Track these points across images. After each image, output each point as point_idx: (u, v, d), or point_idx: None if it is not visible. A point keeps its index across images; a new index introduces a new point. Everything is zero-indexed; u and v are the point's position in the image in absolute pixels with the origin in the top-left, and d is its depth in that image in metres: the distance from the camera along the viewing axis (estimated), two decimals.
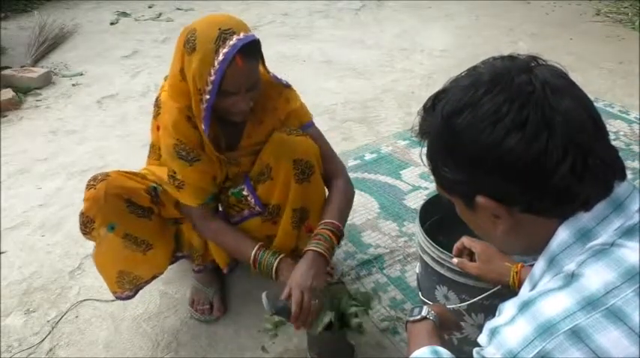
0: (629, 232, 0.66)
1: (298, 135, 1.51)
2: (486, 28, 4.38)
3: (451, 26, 4.45)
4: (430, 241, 1.35)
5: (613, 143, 0.71)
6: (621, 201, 0.69)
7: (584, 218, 0.68)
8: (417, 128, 0.78)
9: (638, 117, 2.86)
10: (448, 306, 1.39)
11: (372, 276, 1.87)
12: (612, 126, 2.77)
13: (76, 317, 1.77)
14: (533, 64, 0.71)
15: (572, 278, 0.64)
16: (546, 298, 0.63)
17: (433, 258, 1.36)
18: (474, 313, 1.35)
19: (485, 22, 4.54)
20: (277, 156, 1.49)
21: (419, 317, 1.04)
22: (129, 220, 1.48)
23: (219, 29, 1.30)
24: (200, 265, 1.74)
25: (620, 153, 0.72)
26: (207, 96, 1.34)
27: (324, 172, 1.57)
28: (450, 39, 4.16)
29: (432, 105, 0.75)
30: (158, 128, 1.53)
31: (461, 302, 1.34)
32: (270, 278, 1.48)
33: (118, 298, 1.61)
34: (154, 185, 1.56)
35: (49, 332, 1.71)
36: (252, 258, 1.48)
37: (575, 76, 0.73)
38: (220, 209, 1.65)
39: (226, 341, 1.67)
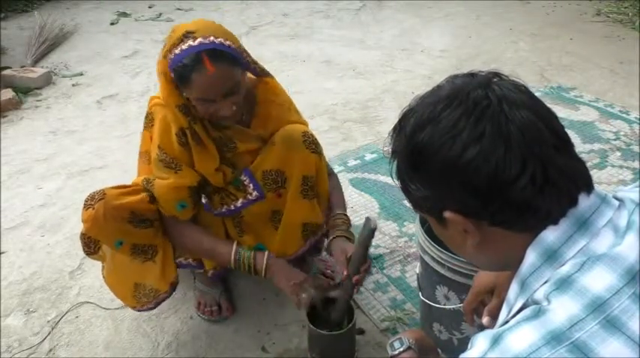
0: (594, 255, 0.66)
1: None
2: (486, 28, 4.38)
3: (451, 26, 4.45)
4: (430, 241, 1.35)
5: (613, 143, 0.71)
6: (586, 218, 0.68)
7: (549, 238, 0.68)
8: (389, 148, 0.79)
9: (638, 117, 2.85)
10: (448, 306, 1.39)
11: (372, 276, 1.87)
12: (612, 126, 2.76)
13: (76, 317, 1.77)
14: (493, 80, 0.72)
15: (539, 311, 0.64)
16: (514, 332, 0.63)
17: (433, 258, 1.36)
18: (475, 313, 1.35)
19: (485, 22, 4.54)
20: (285, 129, 1.55)
21: (403, 348, 1.04)
22: (134, 233, 1.46)
23: (186, 31, 1.33)
24: (213, 268, 1.70)
25: (620, 153, 0.72)
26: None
27: None
28: (450, 39, 4.16)
29: (399, 125, 0.77)
30: (152, 139, 1.52)
31: (461, 303, 1.34)
32: (251, 274, 1.53)
33: (138, 311, 1.59)
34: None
35: (49, 333, 1.71)
36: (232, 256, 1.51)
37: (575, 76, 0.73)
38: (204, 201, 1.62)
39: (226, 341, 1.67)
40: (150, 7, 5.06)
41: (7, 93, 3.22)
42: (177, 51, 1.32)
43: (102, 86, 3.50)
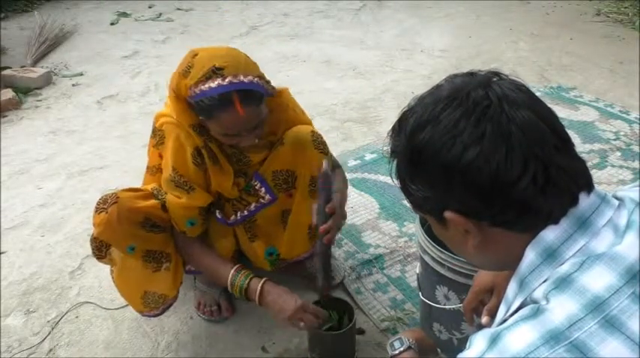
0: (594, 254, 0.65)
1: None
2: (486, 28, 4.38)
3: (451, 26, 4.45)
4: (430, 241, 1.35)
5: (613, 143, 0.71)
6: (586, 217, 0.68)
7: (549, 237, 0.68)
8: (388, 148, 0.78)
9: (638, 117, 2.85)
10: (448, 306, 1.39)
11: (372, 276, 1.87)
12: (612, 126, 2.76)
13: (76, 317, 1.77)
14: (493, 79, 0.72)
15: (537, 310, 0.64)
16: (512, 332, 0.63)
17: (433, 258, 1.36)
18: (474, 313, 1.35)
19: (485, 22, 4.53)
20: (293, 130, 1.55)
21: (403, 348, 1.04)
22: (147, 238, 1.45)
23: (214, 65, 1.29)
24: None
25: (620, 153, 0.71)
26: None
27: None
28: (450, 39, 4.16)
29: (399, 125, 0.76)
30: (161, 156, 1.50)
31: (461, 303, 1.34)
32: (246, 300, 1.49)
33: (145, 315, 1.60)
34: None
35: (49, 333, 1.71)
36: (229, 280, 1.48)
37: (575, 76, 0.73)
38: (219, 216, 1.59)
39: (226, 341, 1.67)
40: (150, 7, 5.06)
41: (7, 93, 3.22)
42: (204, 87, 1.29)
43: (102, 86, 3.50)
